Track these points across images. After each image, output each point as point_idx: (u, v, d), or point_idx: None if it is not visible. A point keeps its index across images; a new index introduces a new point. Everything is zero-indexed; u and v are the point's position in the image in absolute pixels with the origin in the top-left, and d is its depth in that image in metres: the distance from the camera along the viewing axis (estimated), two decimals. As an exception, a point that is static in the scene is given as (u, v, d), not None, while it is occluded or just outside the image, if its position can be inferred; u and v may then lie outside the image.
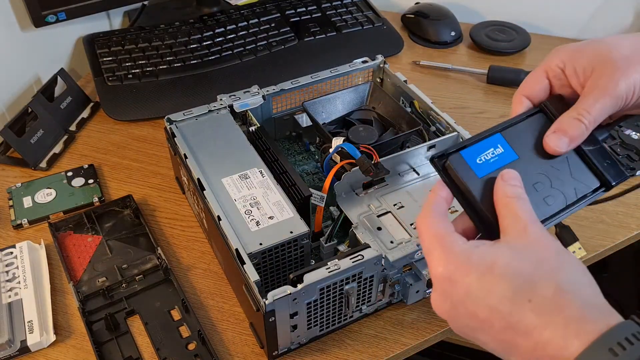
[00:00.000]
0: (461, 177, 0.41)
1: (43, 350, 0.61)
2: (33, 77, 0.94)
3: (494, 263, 0.36)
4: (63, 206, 0.75)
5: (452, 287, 0.37)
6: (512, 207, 0.39)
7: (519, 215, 0.38)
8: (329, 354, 0.60)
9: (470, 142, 0.43)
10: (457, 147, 0.43)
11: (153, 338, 0.61)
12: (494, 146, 0.43)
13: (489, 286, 0.35)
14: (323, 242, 0.62)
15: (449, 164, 0.42)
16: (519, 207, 0.38)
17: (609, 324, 0.33)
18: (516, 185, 0.40)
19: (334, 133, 0.71)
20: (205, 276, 0.68)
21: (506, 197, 0.39)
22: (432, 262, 0.38)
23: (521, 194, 0.40)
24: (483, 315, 0.35)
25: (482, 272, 0.35)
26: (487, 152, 0.43)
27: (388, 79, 0.80)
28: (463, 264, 0.36)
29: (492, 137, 0.44)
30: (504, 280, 0.35)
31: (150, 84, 0.92)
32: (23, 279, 0.65)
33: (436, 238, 0.38)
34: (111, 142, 0.86)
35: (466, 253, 0.37)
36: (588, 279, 0.36)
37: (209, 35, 0.98)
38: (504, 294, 0.34)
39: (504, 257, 0.36)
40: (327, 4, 1.07)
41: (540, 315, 0.33)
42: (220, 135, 0.69)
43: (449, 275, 0.37)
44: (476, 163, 0.42)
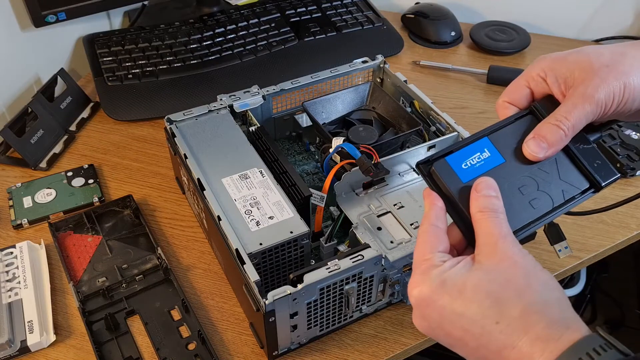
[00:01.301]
0: (446, 183, 0.42)
1: (43, 350, 0.61)
2: (33, 77, 0.94)
3: (464, 286, 0.37)
4: (63, 206, 0.75)
5: (427, 309, 0.39)
6: (483, 223, 0.39)
7: (489, 231, 0.39)
8: (329, 354, 0.60)
9: (457, 147, 0.43)
10: (443, 153, 0.43)
11: (153, 338, 0.61)
12: (480, 150, 0.43)
13: (460, 309, 0.37)
14: (323, 242, 0.62)
15: (434, 170, 0.42)
16: (490, 223, 0.39)
17: (572, 340, 0.34)
18: (489, 195, 0.40)
19: (334, 133, 0.71)
20: (205, 276, 0.68)
21: (478, 211, 0.40)
22: (411, 281, 0.40)
23: (493, 205, 0.40)
24: (457, 335, 0.37)
25: (454, 296, 0.37)
26: (473, 157, 0.43)
27: (388, 79, 0.80)
28: (436, 288, 0.38)
29: (479, 142, 0.43)
30: (473, 303, 0.36)
31: (150, 84, 0.92)
32: (23, 279, 0.65)
33: (416, 262, 0.40)
34: (111, 142, 0.86)
35: (440, 277, 0.38)
36: (556, 295, 0.37)
37: (209, 35, 0.98)
38: (473, 317, 0.36)
39: (473, 278, 0.37)
40: (327, 4, 1.07)
41: (508, 336, 0.35)
42: (220, 135, 0.69)
43: (424, 298, 0.38)
44: (461, 168, 0.42)
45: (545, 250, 0.70)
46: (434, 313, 0.38)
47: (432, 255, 0.40)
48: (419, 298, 0.39)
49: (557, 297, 0.37)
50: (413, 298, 0.39)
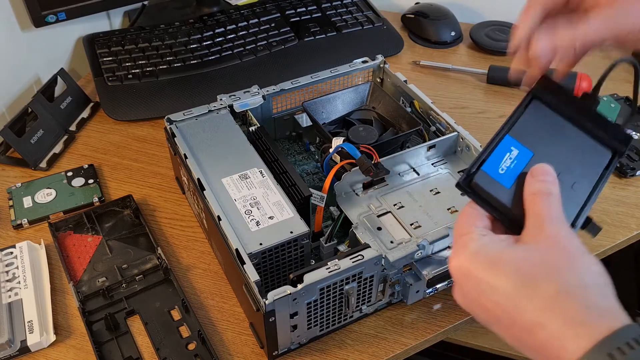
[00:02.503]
0: (491, 193, 0.41)
1: (43, 350, 0.61)
2: (33, 77, 0.94)
3: (499, 259, 0.37)
4: (63, 206, 0.75)
5: (464, 282, 0.38)
6: (533, 205, 0.39)
7: (537, 213, 0.38)
8: (329, 354, 0.60)
9: (486, 154, 0.43)
10: (477, 164, 0.42)
11: (153, 338, 0.61)
12: (508, 150, 0.43)
13: (494, 282, 0.36)
14: (323, 242, 0.62)
15: (476, 184, 0.42)
16: (540, 204, 0.38)
17: (611, 328, 0.32)
18: (545, 180, 0.40)
19: (334, 133, 0.71)
20: (205, 276, 0.68)
21: (530, 194, 0.39)
22: (449, 258, 0.40)
23: (548, 189, 0.39)
24: (492, 309, 0.36)
25: (488, 269, 0.37)
26: (505, 160, 0.42)
27: (388, 79, 0.80)
28: (472, 261, 0.38)
29: (503, 142, 0.43)
30: (507, 278, 0.36)
31: (150, 84, 0.92)
32: (23, 279, 0.65)
33: (456, 236, 0.40)
34: (111, 142, 0.86)
35: (477, 250, 0.38)
36: (599, 281, 0.35)
37: (209, 35, 0.98)
38: (506, 291, 0.35)
39: (510, 253, 0.37)
40: (327, 4, 1.07)
41: (539, 315, 0.34)
42: (220, 135, 0.69)
43: (461, 270, 0.38)
44: (500, 174, 0.42)
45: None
46: (471, 286, 0.38)
47: (471, 229, 0.40)
48: (457, 270, 0.39)
49: (599, 284, 0.35)
50: (452, 270, 0.39)
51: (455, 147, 0.70)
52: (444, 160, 0.70)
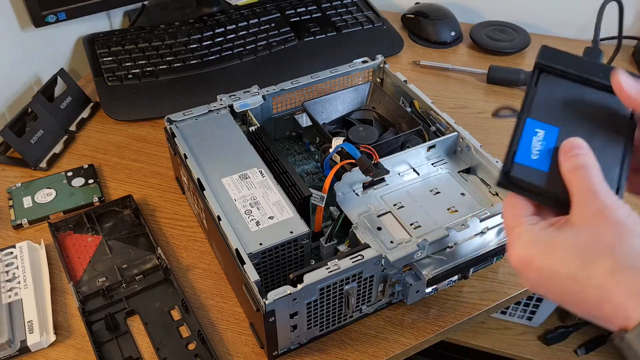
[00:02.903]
0: (533, 182, 0.41)
1: (43, 350, 0.61)
2: (33, 77, 0.94)
3: (553, 247, 0.37)
4: (63, 206, 0.75)
5: (525, 272, 0.39)
6: (573, 181, 0.39)
7: (580, 189, 0.38)
8: (329, 354, 0.60)
9: (515, 146, 0.42)
10: (509, 158, 0.42)
11: (153, 338, 0.61)
12: (533, 134, 0.42)
13: (554, 269, 0.37)
14: (323, 242, 0.62)
15: (514, 177, 0.41)
16: (581, 180, 0.38)
17: None
18: (577, 154, 0.39)
19: (334, 133, 0.71)
20: (205, 276, 0.68)
21: (568, 172, 0.39)
22: (507, 250, 0.41)
23: (583, 162, 0.39)
24: (558, 293, 0.38)
25: (545, 257, 0.38)
26: (534, 144, 0.41)
27: (388, 79, 0.80)
28: (529, 251, 0.39)
29: (526, 127, 0.42)
30: (564, 263, 0.37)
31: (150, 84, 0.92)
32: (23, 279, 0.65)
33: (508, 227, 0.41)
34: (111, 142, 0.86)
35: (531, 240, 0.39)
36: None
37: (209, 35, 0.98)
38: (567, 275, 0.37)
39: (561, 238, 0.37)
40: (327, 4, 1.07)
41: (602, 291, 0.35)
42: (220, 135, 0.69)
43: (520, 261, 0.39)
44: (534, 160, 0.41)
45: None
46: (533, 274, 0.39)
47: (520, 221, 0.40)
48: (517, 262, 0.39)
49: None
50: (512, 263, 0.40)
51: (455, 147, 0.70)
52: (444, 160, 0.70)
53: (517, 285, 0.67)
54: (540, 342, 1.22)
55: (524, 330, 1.23)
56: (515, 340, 1.22)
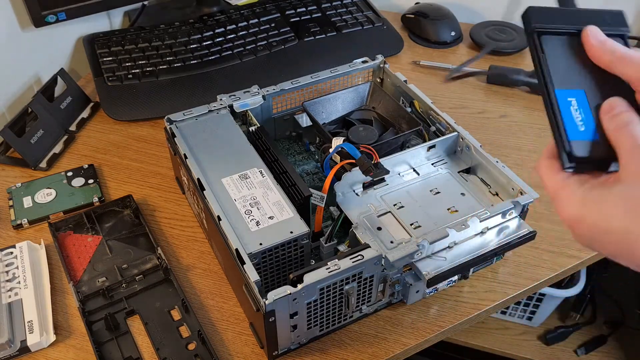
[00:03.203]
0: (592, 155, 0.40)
1: (43, 350, 0.61)
2: (33, 77, 0.94)
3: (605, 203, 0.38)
4: (63, 206, 0.75)
5: (577, 229, 0.39)
6: (619, 140, 0.39)
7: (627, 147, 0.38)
8: (329, 354, 0.60)
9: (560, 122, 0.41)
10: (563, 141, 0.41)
11: (153, 338, 0.61)
12: (569, 105, 0.41)
13: (606, 226, 0.37)
14: (323, 242, 0.62)
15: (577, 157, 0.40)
16: (625, 138, 0.38)
17: None
18: (619, 112, 0.39)
19: (334, 133, 0.71)
20: (205, 276, 0.68)
21: (612, 132, 0.39)
22: (556, 208, 0.41)
23: (625, 119, 0.39)
24: (611, 249, 0.38)
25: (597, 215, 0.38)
26: (575, 116, 0.41)
27: (388, 79, 0.80)
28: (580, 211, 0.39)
29: (559, 99, 0.41)
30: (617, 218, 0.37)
31: (150, 84, 0.92)
32: (23, 279, 0.65)
33: (555, 188, 0.41)
34: (111, 142, 0.86)
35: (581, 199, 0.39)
36: None
37: (209, 35, 0.98)
38: (619, 230, 0.37)
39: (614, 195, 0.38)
40: (327, 4, 1.07)
41: None
42: (220, 135, 0.69)
43: (572, 220, 0.39)
44: (584, 132, 0.40)
45: (546, 250, 0.71)
46: (585, 232, 0.39)
47: (567, 181, 0.40)
48: (570, 221, 0.40)
49: None
50: (564, 222, 0.40)
51: (455, 147, 0.70)
52: (444, 160, 0.70)
53: (517, 285, 0.67)
54: (540, 342, 1.22)
55: (524, 330, 1.23)
56: (515, 340, 1.22)
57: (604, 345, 1.21)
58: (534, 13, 0.43)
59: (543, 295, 1.15)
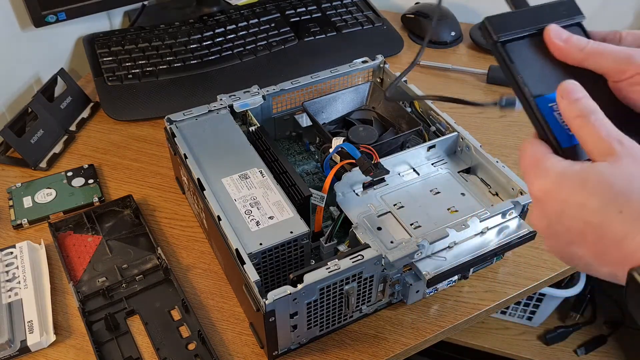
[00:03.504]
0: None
1: (43, 350, 0.61)
2: (33, 77, 0.94)
3: (587, 179, 0.37)
4: (63, 206, 0.75)
5: (548, 203, 0.38)
6: (586, 128, 0.38)
7: (597, 135, 0.37)
8: (329, 354, 0.60)
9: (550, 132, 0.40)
10: (555, 149, 0.40)
11: (153, 338, 0.61)
12: (552, 111, 0.40)
13: (582, 201, 0.36)
14: (323, 242, 0.62)
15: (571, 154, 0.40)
16: (594, 125, 0.37)
17: None
18: (579, 97, 0.39)
19: (334, 133, 0.71)
20: (205, 276, 0.68)
21: (575, 117, 0.38)
22: (528, 181, 0.40)
23: (588, 106, 0.38)
24: (577, 228, 0.37)
25: (575, 188, 0.37)
26: (559, 121, 0.40)
27: (388, 79, 0.80)
28: (558, 181, 0.38)
29: (541, 107, 0.40)
30: (595, 195, 0.36)
31: (150, 84, 0.92)
32: (23, 279, 0.65)
33: (533, 159, 0.40)
34: (111, 142, 0.86)
35: (562, 171, 0.38)
36: None
37: (209, 35, 0.98)
38: (594, 207, 0.36)
39: (596, 172, 0.37)
40: (327, 4, 1.07)
41: (629, 226, 0.35)
42: (220, 135, 0.69)
43: (545, 191, 0.38)
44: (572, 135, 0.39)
45: (546, 250, 0.70)
46: (555, 206, 0.38)
47: (547, 155, 0.39)
48: (541, 190, 0.38)
49: None
50: (534, 192, 0.39)
51: (455, 147, 0.70)
52: (444, 160, 0.70)
53: (517, 285, 0.67)
54: (540, 342, 1.22)
55: (524, 330, 1.24)
56: (515, 340, 1.22)
57: (604, 345, 1.21)
58: (492, 23, 0.42)
59: (543, 295, 1.15)
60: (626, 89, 0.40)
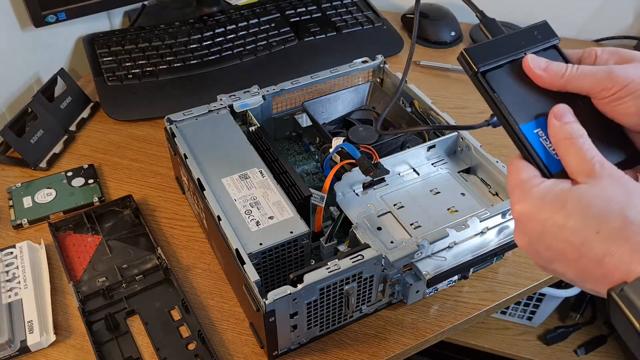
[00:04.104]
0: None
1: (43, 350, 0.61)
2: (33, 77, 0.94)
3: (565, 200, 0.38)
4: (63, 206, 0.75)
5: (529, 224, 0.39)
6: (572, 148, 0.39)
7: (582, 156, 0.39)
8: (329, 354, 0.60)
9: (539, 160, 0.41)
10: (545, 175, 0.41)
11: (153, 338, 0.61)
12: (538, 137, 0.41)
13: (562, 221, 0.38)
14: (323, 242, 0.62)
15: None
16: (580, 147, 0.39)
17: None
18: (571, 121, 0.40)
19: (334, 133, 0.71)
20: (205, 276, 0.68)
21: (564, 139, 0.40)
22: (512, 200, 0.41)
23: (578, 130, 0.40)
24: (558, 247, 0.38)
25: (555, 209, 0.38)
26: (546, 147, 0.41)
27: (388, 79, 0.80)
28: (538, 203, 0.39)
29: (527, 135, 0.41)
30: (575, 215, 0.37)
31: (150, 84, 0.92)
32: (23, 279, 0.65)
33: (518, 181, 0.41)
34: (111, 142, 0.86)
35: (541, 193, 0.39)
36: None
37: (209, 35, 0.98)
38: (573, 227, 0.37)
39: (575, 193, 0.38)
40: (327, 4, 1.07)
41: (608, 245, 0.36)
42: (220, 135, 0.69)
43: (526, 213, 0.39)
44: (559, 161, 0.40)
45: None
46: (536, 226, 0.39)
47: (531, 177, 0.40)
48: (521, 213, 0.40)
49: None
50: (515, 213, 0.40)
51: (455, 147, 0.70)
52: (444, 160, 0.70)
53: (517, 285, 0.67)
54: (540, 342, 1.22)
55: (524, 330, 1.24)
56: (515, 340, 1.22)
57: (603, 345, 1.21)
58: (471, 54, 0.42)
59: (543, 295, 1.15)
60: (611, 104, 0.41)
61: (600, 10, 1.06)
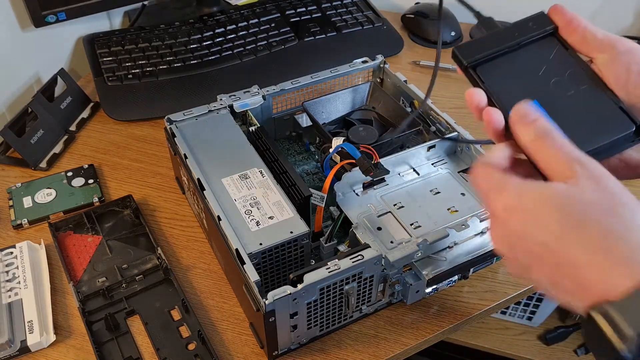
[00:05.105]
0: None
1: (43, 350, 0.61)
2: (33, 77, 0.94)
3: (543, 195, 0.36)
4: (63, 206, 0.75)
5: (510, 221, 0.37)
6: (544, 150, 0.37)
7: (557, 157, 0.37)
8: (329, 354, 0.60)
9: None
10: None
11: (153, 338, 0.61)
12: None
13: (542, 220, 0.35)
14: (323, 242, 0.62)
15: None
16: (553, 147, 0.37)
17: None
18: (533, 119, 0.38)
19: (334, 133, 0.71)
20: (205, 276, 0.68)
21: (533, 140, 0.38)
22: (491, 201, 0.39)
23: (545, 127, 0.38)
24: (536, 251, 0.36)
25: (535, 204, 0.36)
26: None
27: (388, 79, 0.80)
28: (518, 197, 0.37)
29: None
30: (554, 219, 0.35)
31: (150, 84, 0.92)
32: (23, 279, 0.65)
33: (491, 178, 0.39)
34: (111, 142, 0.86)
35: (521, 187, 0.37)
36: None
37: (209, 35, 0.98)
38: (554, 231, 0.35)
39: (553, 190, 0.36)
40: (327, 4, 1.07)
41: (588, 256, 0.33)
42: (220, 135, 0.69)
43: (507, 209, 0.37)
44: None
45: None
46: (517, 225, 0.37)
47: (504, 173, 0.39)
48: (501, 210, 0.37)
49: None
50: (494, 212, 0.38)
51: (455, 147, 0.70)
52: (444, 160, 0.70)
53: (517, 285, 0.67)
54: (540, 342, 1.22)
55: (524, 330, 1.24)
56: (515, 340, 1.22)
57: (603, 345, 1.21)
58: (462, 51, 0.44)
59: (543, 295, 1.15)
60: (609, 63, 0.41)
61: (600, 10, 1.06)
